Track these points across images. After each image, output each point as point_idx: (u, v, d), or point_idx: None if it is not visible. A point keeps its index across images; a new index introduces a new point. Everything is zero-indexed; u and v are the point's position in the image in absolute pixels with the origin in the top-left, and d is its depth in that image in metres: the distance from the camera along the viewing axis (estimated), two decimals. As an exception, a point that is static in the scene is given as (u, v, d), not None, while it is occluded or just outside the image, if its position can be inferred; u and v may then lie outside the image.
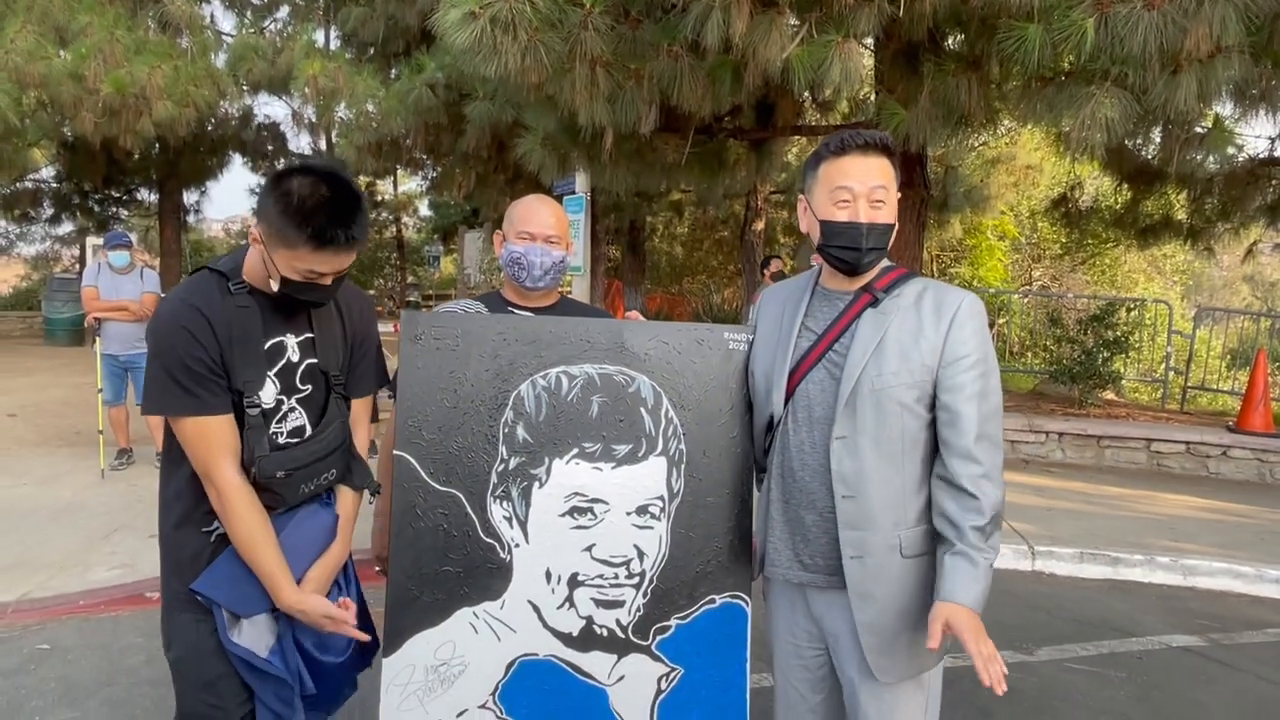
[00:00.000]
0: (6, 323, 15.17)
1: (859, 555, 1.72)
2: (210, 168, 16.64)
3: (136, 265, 6.33)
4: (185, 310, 1.70)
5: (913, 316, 1.73)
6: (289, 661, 1.80)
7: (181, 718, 1.83)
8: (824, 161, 1.76)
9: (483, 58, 5.64)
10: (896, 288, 1.77)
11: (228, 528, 1.72)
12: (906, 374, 1.70)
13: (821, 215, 1.76)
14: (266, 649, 1.76)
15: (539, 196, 2.32)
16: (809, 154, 1.87)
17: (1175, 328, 10.06)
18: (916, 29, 5.92)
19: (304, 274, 1.68)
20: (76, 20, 10.00)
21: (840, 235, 1.73)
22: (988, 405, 1.70)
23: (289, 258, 1.66)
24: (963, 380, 1.69)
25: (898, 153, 1.80)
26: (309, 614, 1.75)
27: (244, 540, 1.71)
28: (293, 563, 1.76)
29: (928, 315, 1.73)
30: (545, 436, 1.83)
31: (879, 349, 1.71)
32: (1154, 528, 5.59)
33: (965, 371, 1.70)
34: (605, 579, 1.84)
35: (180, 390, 1.67)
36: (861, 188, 1.72)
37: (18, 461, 6.47)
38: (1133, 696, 3.53)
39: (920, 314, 1.73)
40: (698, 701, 1.89)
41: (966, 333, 1.71)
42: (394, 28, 10.63)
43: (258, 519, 1.71)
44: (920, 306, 1.74)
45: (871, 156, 1.73)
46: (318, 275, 1.69)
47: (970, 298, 1.76)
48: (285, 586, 1.73)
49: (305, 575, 1.79)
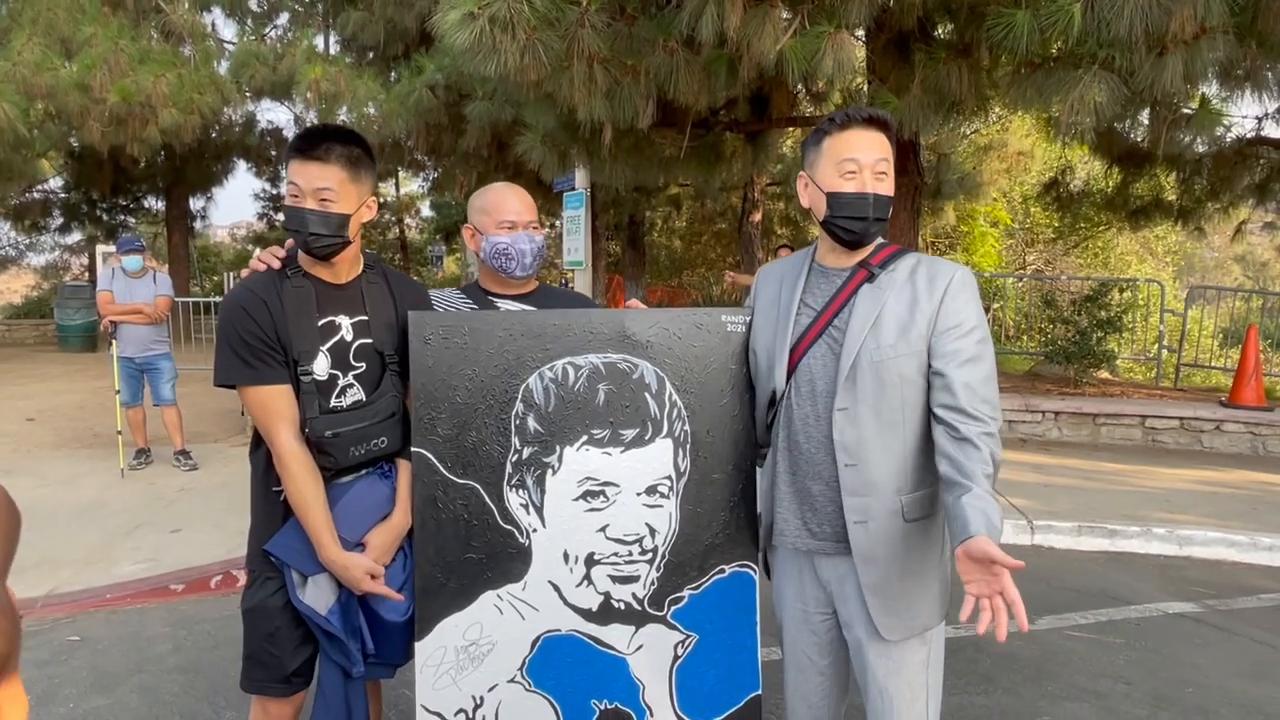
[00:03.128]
0: (20, 331, 15.34)
1: (863, 520, 1.79)
2: (215, 174, 16.80)
3: (149, 269, 6.48)
4: (244, 293, 1.90)
5: (908, 290, 1.79)
6: (349, 620, 1.94)
7: (246, 659, 2.01)
8: (828, 136, 1.81)
9: (482, 57, 5.74)
10: (891, 263, 1.84)
11: (285, 487, 1.90)
12: (904, 345, 1.76)
13: (828, 187, 1.80)
14: (326, 607, 1.91)
15: (505, 184, 2.28)
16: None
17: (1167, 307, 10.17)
18: (907, 18, 6.03)
19: (291, 193, 1.87)
20: (81, 31, 10.10)
21: (848, 206, 1.78)
22: (985, 369, 1.75)
23: (288, 182, 1.89)
24: (958, 346, 1.74)
25: (893, 127, 1.86)
26: (351, 570, 1.89)
27: (296, 499, 1.88)
28: (352, 527, 1.92)
29: (922, 288, 1.79)
30: (555, 426, 1.94)
31: (877, 322, 1.78)
32: (1150, 501, 5.72)
33: (960, 339, 1.75)
34: (620, 557, 1.96)
35: (241, 363, 1.88)
36: (867, 159, 1.77)
37: (39, 463, 6.64)
38: (1131, 660, 3.66)
39: (915, 287, 1.79)
40: (712, 664, 2.02)
41: (959, 302, 1.77)
42: (393, 31, 10.73)
43: (310, 481, 1.88)
44: (915, 280, 1.81)
45: (873, 130, 1.79)
46: (299, 192, 1.86)
47: (962, 269, 1.83)
48: (329, 544, 1.88)
49: (368, 541, 1.94)
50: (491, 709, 1.94)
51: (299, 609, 1.93)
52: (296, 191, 1.87)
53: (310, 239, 1.87)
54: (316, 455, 1.89)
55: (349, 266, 2.01)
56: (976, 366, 1.74)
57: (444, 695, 1.93)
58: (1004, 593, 1.49)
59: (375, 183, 2.03)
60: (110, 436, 6.84)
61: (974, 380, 1.72)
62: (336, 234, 1.89)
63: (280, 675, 1.98)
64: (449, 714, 1.93)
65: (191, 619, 4.03)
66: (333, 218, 1.87)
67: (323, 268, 1.96)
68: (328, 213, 1.86)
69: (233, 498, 5.64)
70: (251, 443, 2.04)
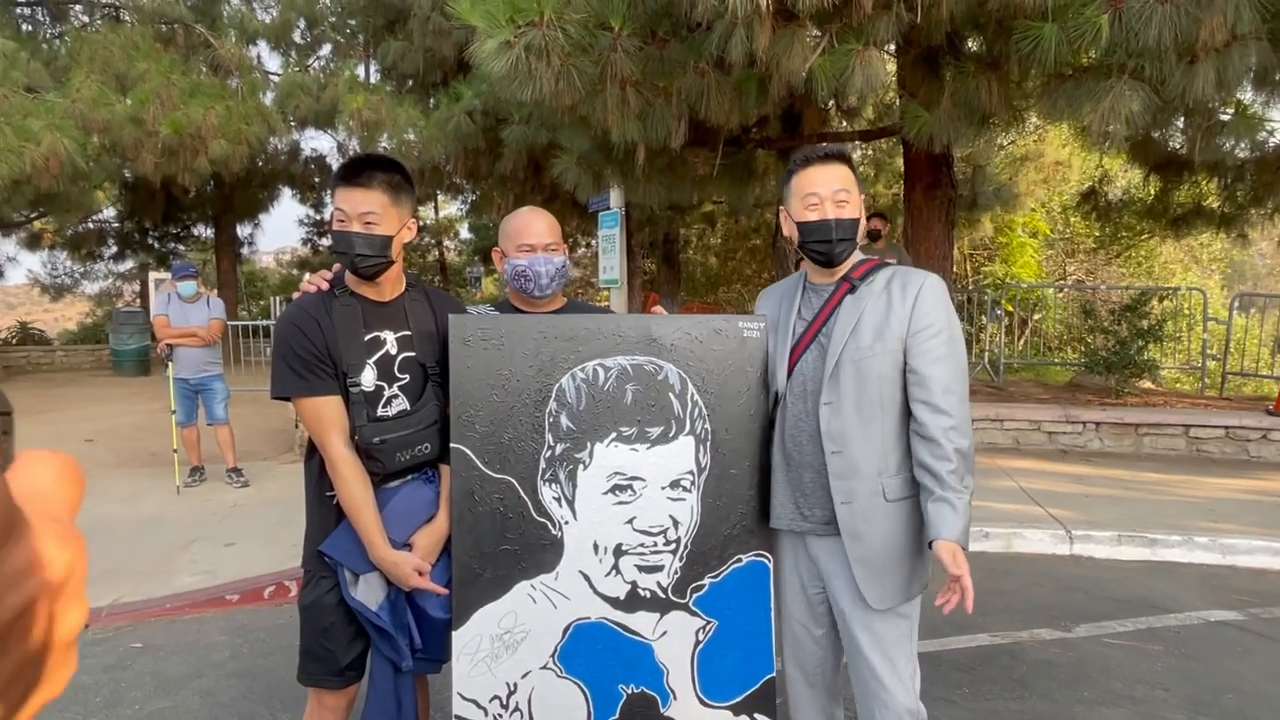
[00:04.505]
0: (76, 356, 15.88)
1: (848, 501, 2.01)
2: (262, 201, 17.33)
3: (202, 294, 6.74)
4: (297, 312, 2.06)
5: (883, 298, 2.04)
6: (398, 616, 2.06)
7: (303, 654, 2.14)
8: (794, 175, 2.10)
9: (518, 84, 5.92)
10: (870, 276, 2.09)
11: (337, 491, 2.03)
12: (880, 346, 2.00)
13: (798, 218, 2.09)
14: (377, 604, 2.03)
15: (530, 209, 2.41)
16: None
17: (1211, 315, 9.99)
18: (935, 34, 6.09)
19: (338, 218, 2.02)
20: (135, 67, 10.57)
21: (814, 232, 2.06)
22: (953, 366, 1.99)
23: (335, 208, 2.05)
24: (928, 346, 1.99)
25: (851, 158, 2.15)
26: (400, 567, 2.00)
27: (348, 502, 2.01)
28: (400, 528, 2.04)
29: (895, 295, 2.03)
30: (586, 423, 2.05)
31: (856, 327, 2.02)
32: (1193, 510, 5.65)
33: (931, 339, 1.99)
34: (646, 547, 2.07)
35: (295, 376, 2.02)
36: (826, 191, 2.04)
37: (99, 482, 6.90)
38: (1170, 668, 3.63)
39: (890, 295, 2.04)
40: (731, 648, 2.12)
41: (928, 306, 2.01)
42: (431, 59, 11.03)
43: (360, 485, 2.00)
44: (890, 289, 2.05)
45: (832, 165, 2.07)
46: (345, 217, 2.01)
47: (932, 277, 2.07)
48: (379, 544, 2.00)
49: (414, 541, 2.06)
50: (525, 695, 2.03)
51: (351, 605, 2.05)
52: (343, 216, 2.02)
53: (357, 259, 2.02)
54: (365, 461, 2.02)
55: (392, 285, 2.15)
56: (946, 364, 1.98)
57: (480, 682, 2.03)
58: (959, 581, 1.90)
59: (415, 205, 2.18)
60: (166, 455, 7.10)
61: (944, 376, 1.97)
62: (380, 254, 2.03)
63: (334, 668, 2.11)
64: (484, 701, 2.03)
65: (246, 627, 4.19)
66: (376, 239, 2.02)
67: (368, 287, 2.11)
68: (372, 235, 2.01)
69: (283, 513, 5.82)
70: (305, 452, 2.19)
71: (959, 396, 1.98)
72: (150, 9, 12.63)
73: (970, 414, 2.02)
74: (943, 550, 1.90)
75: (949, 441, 1.93)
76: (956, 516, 1.91)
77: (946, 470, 1.92)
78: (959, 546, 1.91)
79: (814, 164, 2.08)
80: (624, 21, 5.84)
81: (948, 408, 1.95)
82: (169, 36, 12.66)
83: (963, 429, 1.96)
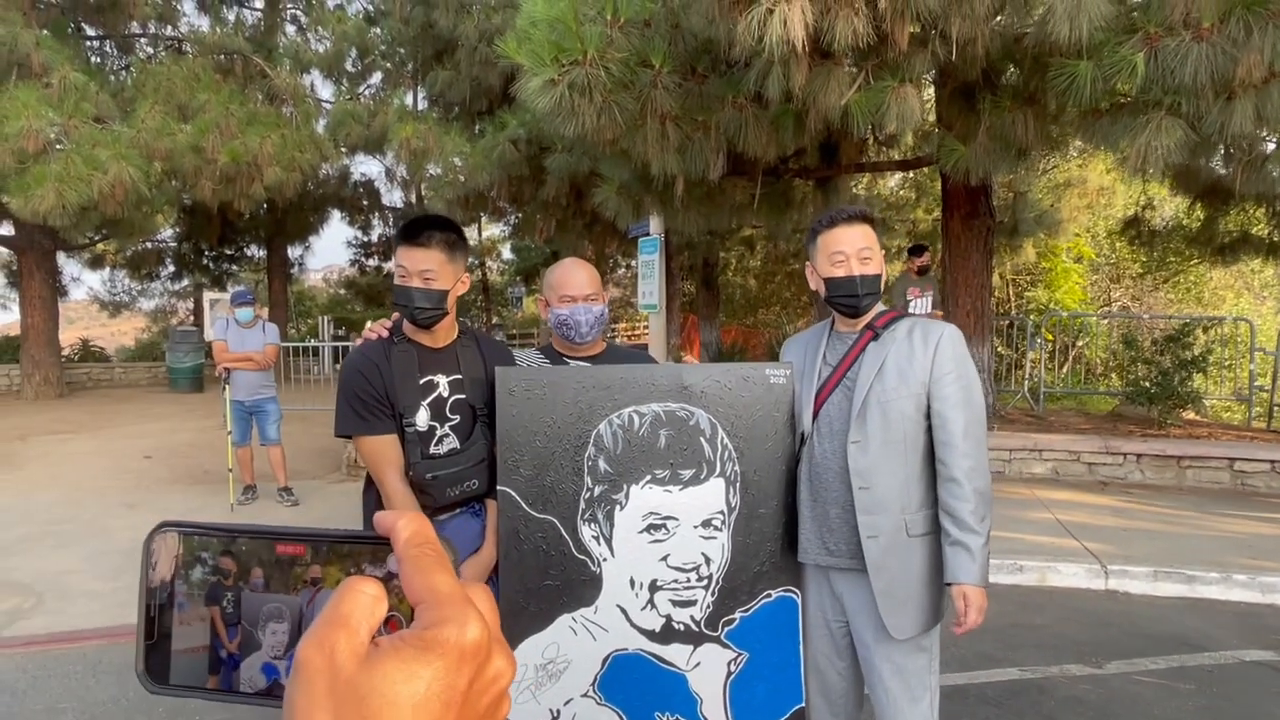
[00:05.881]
0: (134, 373, 16.43)
1: (874, 535, 2.13)
2: (312, 224, 17.86)
3: (259, 320, 7.04)
4: (360, 358, 2.26)
5: (905, 345, 2.19)
6: None
7: None
8: (820, 234, 2.27)
9: (562, 120, 6.12)
10: (891, 325, 2.25)
11: None
12: (904, 388, 2.15)
13: (824, 274, 2.25)
14: None
15: (572, 260, 2.58)
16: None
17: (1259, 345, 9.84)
18: (970, 70, 6.17)
19: (400, 274, 2.21)
20: (196, 98, 11.04)
21: (840, 287, 2.22)
22: (972, 411, 2.14)
23: (396, 264, 2.24)
24: (948, 392, 2.14)
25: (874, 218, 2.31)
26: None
27: None
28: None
29: (918, 343, 2.18)
30: (623, 466, 2.19)
31: (881, 370, 2.17)
32: (1233, 546, 5.60)
33: (950, 385, 2.14)
34: (680, 583, 2.19)
35: (357, 417, 2.22)
36: (851, 249, 2.21)
37: (158, 498, 7.21)
38: (1200, 707, 3.64)
39: (912, 343, 2.19)
40: (761, 679, 2.23)
41: (946, 355, 2.16)
42: (477, 88, 11.35)
43: None
44: (912, 337, 2.20)
45: (856, 225, 2.24)
46: (406, 273, 2.20)
47: (950, 328, 2.22)
48: None
49: (462, 572, 2.20)
50: (567, 721, 2.17)
51: None
52: (404, 272, 2.21)
53: (416, 311, 2.22)
54: (418, 495, 2.20)
55: (446, 333, 2.35)
56: (966, 410, 2.14)
57: (526, 710, 2.16)
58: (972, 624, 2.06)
59: (468, 260, 2.38)
60: (219, 473, 7.38)
61: (963, 420, 2.12)
62: (437, 307, 2.23)
63: None
64: (529, 726, 2.17)
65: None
66: (434, 293, 2.22)
67: (424, 334, 2.31)
68: (430, 289, 2.21)
69: (329, 530, 6.02)
70: (364, 485, 2.37)
71: (976, 440, 2.12)
72: (211, 41, 13.20)
73: (987, 456, 2.15)
74: (956, 594, 2.06)
75: (969, 482, 2.07)
76: (973, 562, 2.05)
77: (967, 511, 2.06)
78: (976, 589, 2.06)
79: (839, 224, 2.24)
80: (664, 59, 6.02)
81: (968, 450, 2.09)
82: (228, 67, 13.20)
83: (981, 470, 2.10)
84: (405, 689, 0.40)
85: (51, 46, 10.67)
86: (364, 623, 0.43)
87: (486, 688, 0.44)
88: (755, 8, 4.96)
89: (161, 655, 0.52)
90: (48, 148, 9.65)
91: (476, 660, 0.43)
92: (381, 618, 0.44)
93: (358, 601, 0.43)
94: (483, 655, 0.43)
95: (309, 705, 0.40)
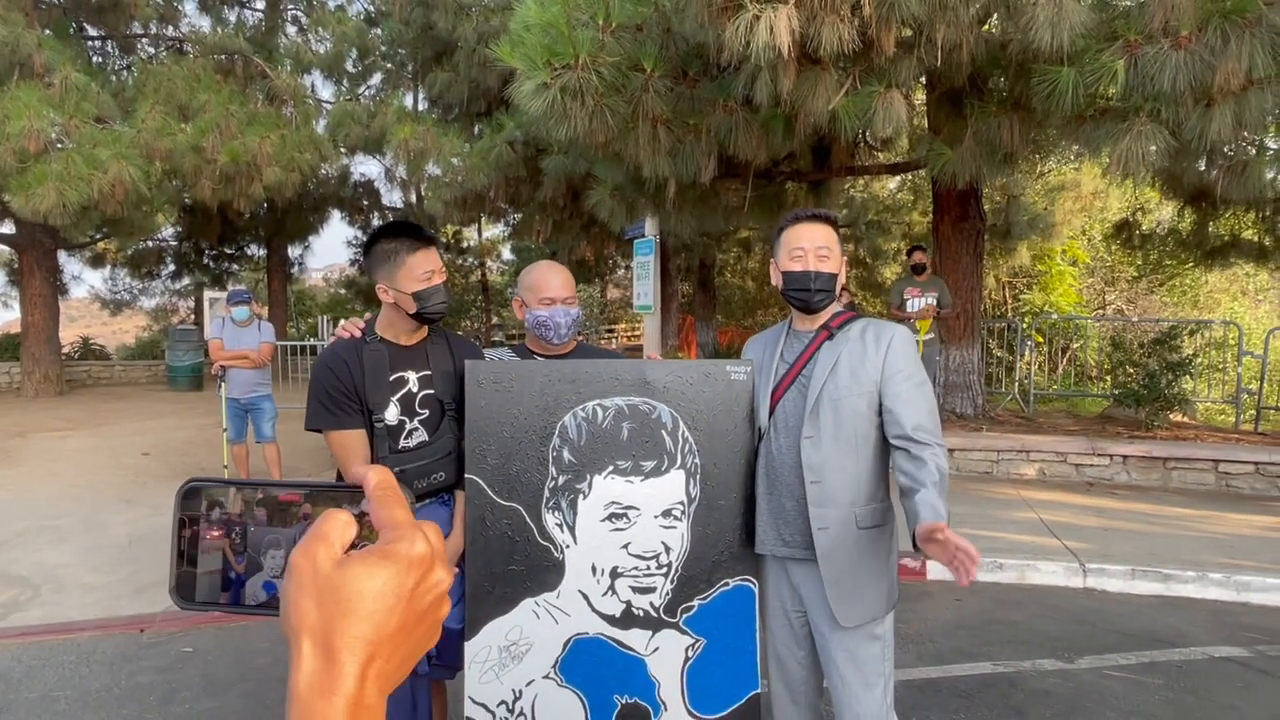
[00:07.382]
0: (134, 371, 16.53)
1: (824, 527, 2.21)
2: (312, 224, 17.95)
3: (255, 318, 7.14)
4: (331, 356, 2.36)
5: (859, 345, 2.27)
6: None
7: None
8: (784, 231, 2.37)
9: (554, 122, 6.21)
10: (846, 325, 2.34)
11: None
12: (856, 386, 2.23)
13: (783, 268, 2.35)
14: None
15: (548, 264, 2.66)
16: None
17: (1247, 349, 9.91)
18: (957, 75, 6.26)
19: (422, 278, 2.30)
20: (197, 98, 11.13)
21: (795, 281, 2.31)
22: (924, 404, 2.23)
23: (405, 272, 2.32)
24: (899, 389, 2.22)
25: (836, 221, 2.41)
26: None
27: None
28: None
29: (870, 344, 2.27)
30: (586, 457, 2.28)
31: (834, 369, 2.25)
32: (1211, 546, 5.67)
33: (903, 382, 2.23)
34: (640, 570, 2.28)
35: (326, 412, 2.32)
36: (810, 245, 2.30)
37: (154, 495, 7.30)
38: (1166, 700, 3.70)
39: (865, 343, 2.27)
40: (718, 665, 2.31)
41: (897, 354, 2.25)
42: (476, 90, 11.44)
43: None
44: (864, 337, 2.28)
45: (817, 225, 2.34)
46: (430, 274, 2.32)
47: (901, 329, 2.31)
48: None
49: None
50: (529, 701, 2.25)
51: None
52: (428, 274, 2.33)
53: (443, 306, 2.36)
54: None
55: (417, 330, 2.46)
56: (917, 405, 2.22)
57: (489, 689, 2.25)
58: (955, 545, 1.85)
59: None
60: (216, 471, 7.48)
61: (916, 414, 2.20)
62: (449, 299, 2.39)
63: None
64: (492, 705, 2.25)
65: (287, 635, 4.49)
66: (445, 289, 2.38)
67: (396, 332, 2.41)
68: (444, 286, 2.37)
69: (322, 526, 6.12)
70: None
71: (929, 430, 2.19)
72: (211, 42, 13.30)
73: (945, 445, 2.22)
74: (924, 527, 1.96)
75: (931, 460, 2.12)
76: (938, 505, 2.02)
77: (930, 479, 2.09)
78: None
79: (802, 222, 2.34)
80: (655, 63, 6.11)
81: (922, 436, 2.16)
82: (228, 68, 13.29)
83: (938, 451, 2.16)
84: (368, 584, 0.54)
85: (53, 47, 10.77)
86: (338, 539, 0.57)
87: (430, 589, 0.58)
88: (742, 14, 5.04)
89: (187, 578, 0.67)
90: (49, 147, 9.74)
91: (422, 568, 0.57)
92: (351, 537, 0.58)
93: (334, 523, 0.58)
94: (427, 564, 0.57)
95: (298, 594, 0.55)
